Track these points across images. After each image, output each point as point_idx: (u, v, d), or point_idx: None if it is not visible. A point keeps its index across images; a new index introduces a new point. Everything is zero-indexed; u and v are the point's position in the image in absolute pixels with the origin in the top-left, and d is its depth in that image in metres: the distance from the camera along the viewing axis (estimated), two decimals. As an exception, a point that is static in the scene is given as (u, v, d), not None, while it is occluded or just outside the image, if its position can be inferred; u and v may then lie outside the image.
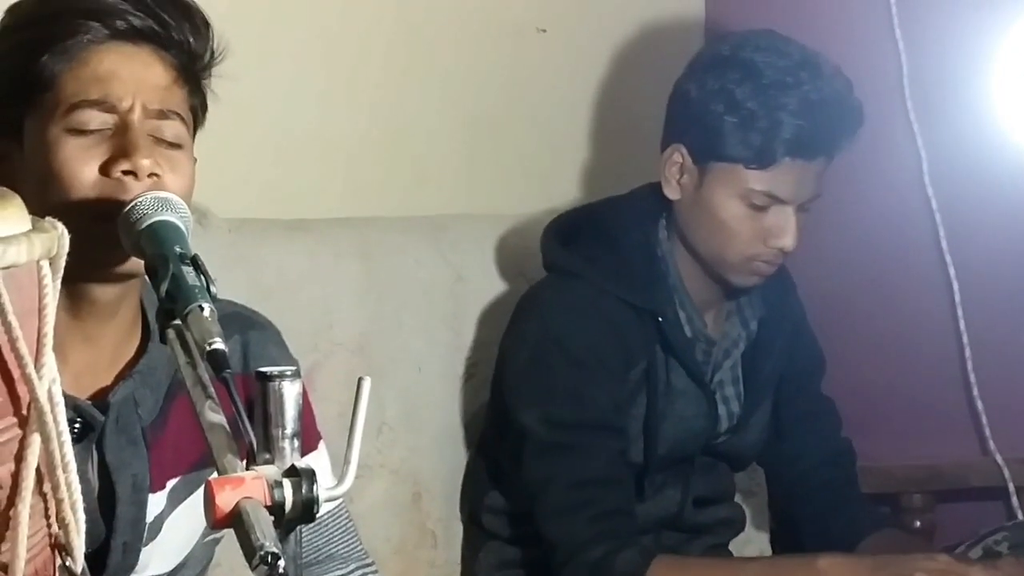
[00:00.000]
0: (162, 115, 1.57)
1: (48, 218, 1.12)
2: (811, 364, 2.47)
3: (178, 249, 1.41)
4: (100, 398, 1.59)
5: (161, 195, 1.48)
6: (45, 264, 1.09)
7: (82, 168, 1.52)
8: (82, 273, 1.13)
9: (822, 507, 2.42)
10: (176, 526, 1.66)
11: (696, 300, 2.30)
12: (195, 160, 1.61)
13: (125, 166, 1.52)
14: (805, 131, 2.18)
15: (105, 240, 1.48)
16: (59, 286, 1.10)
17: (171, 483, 1.64)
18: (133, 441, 1.60)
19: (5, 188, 1.10)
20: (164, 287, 1.37)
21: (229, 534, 1.14)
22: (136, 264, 1.51)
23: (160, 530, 1.64)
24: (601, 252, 2.26)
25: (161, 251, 1.41)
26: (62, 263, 1.11)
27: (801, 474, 2.45)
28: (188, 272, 1.37)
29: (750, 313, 2.36)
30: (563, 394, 2.21)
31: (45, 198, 1.50)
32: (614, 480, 2.21)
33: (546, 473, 2.21)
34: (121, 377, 1.60)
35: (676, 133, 2.26)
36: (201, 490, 1.60)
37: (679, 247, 2.29)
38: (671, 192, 2.26)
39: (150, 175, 1.52)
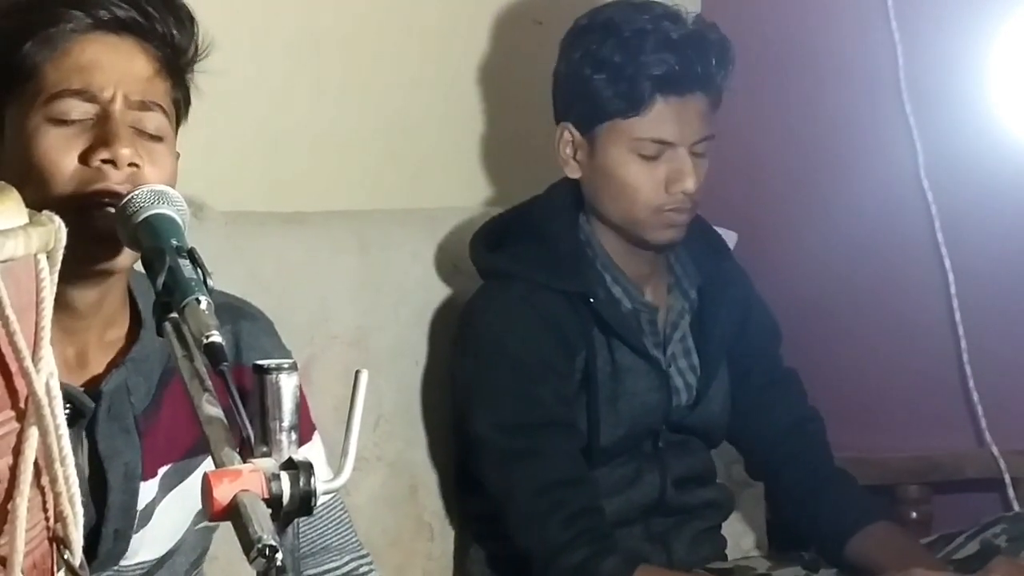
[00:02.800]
0: (144, 107, 1.56)
1: (45, 211, 1.12)
2: (765, 333, 2.46)
3: (175, 242, 1.41)
4: (93, 386, 1.59)
5: (157, 188, 1.48)
6: (42, 258, 1.09)
7: (62, 158, 1.52)
8: (63, 267, 1.13)
9: (802, 484, 2.39)
10: (167, 513, 1.66)
11: (630, 275, 2.31)
12: (178, 155, 1.60)
13: (104, 155, 1.52)
14: (668, 66, 2.21)
15: (84, 231, 1.47)
16: (56, 280, 1.10)
17: (163, 470, 1.64)
18: (125, 429, 1.60)
19: (2, 182, 1.10)
20: (161, 280, 1.37)
21: (225, 526, 1.14)
22: (115, 262, 1.52)
23: (151, 517, 1.64)
24: (526, 248, 2.28)
25: (158, 244, 1.41)
26: (59, 257, 1.11)
27: (769, 445, 2.43)
28: (185, 265, 1.37)
29: (688, 283, 2.37)
30: (511, 398, 2.22)
31: (25, 188, 1.49)
32: (576, 479, 2.21)
33: (508, 481, 2.21)
34: (113, 365, 1.60)
35: (560, 114, 2.31)
36: (192, 477, 1.63)
37: (600, 227, 2.31)
38: (571, 172, 2.30)
39: (129, 164, 1.52)
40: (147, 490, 1.63)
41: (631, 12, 2.25)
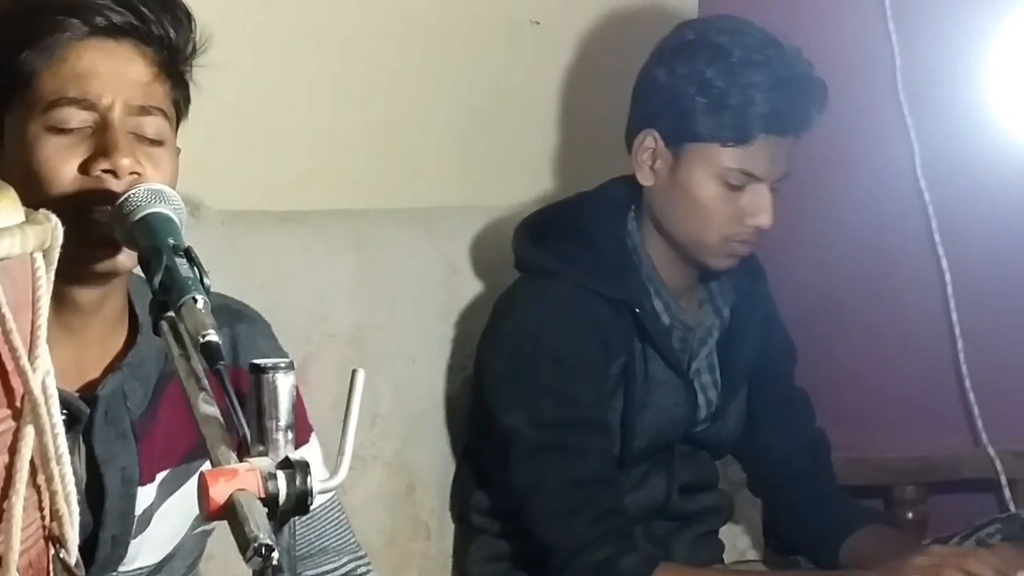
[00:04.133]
0: (143, 111, 1.56)
1: (42, 210, 1.12)
2: (783, 354, 2.47)
3: (171, 241, 1.40)
4: (89, 391, 1.59)
5: (155, 187, 1.47)
6: (39, 256, 1.09)
7: (62, 167, 1.52)
8: (64, 272, 1.13)
9: (802, 501, 2.42)
10: (166, 518, 1.66)
11: (671, 287, 2.30)
12: (178, 151, 1.60)
13: (105, 165, 1.52)
14: (778, 106, 2.20)
15: (85, 238, 1.47)
16: (52, 278, 1.10)
17: (161, 475, 1.64)
18: (122, 434, 1.60)
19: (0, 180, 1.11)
20: (158, 279, 1.36)
21: (222, 526, 1.14)
22: (117, 264, 1.52)
23: (149, 522, 1.64)
24: (573, 248, 2.27)
25: (154, 243, 1.41)
26: (56, 255, 1.11)
27: (775, 464, 2.45)
28: (182, 264, 1.37)
29: (722, 301, 2.37)
30: (547, 394, 2.21)
31: (25, 195, 1.49)
32: (606, 478, 2.21)
33: (537, 475, 2.21)
34: (110, 370, 1.60)
35: (646, 119, 2.28)
36: (191, 482, 1.62)
37: (651, 236, 2.30)
38: (644, 178, 2.27)
39: (131, 173, 1.52)
40: (145, 495, 1.63)
41: (740, 37, 2.22)
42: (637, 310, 2.25)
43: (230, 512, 1.11)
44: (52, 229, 1.10)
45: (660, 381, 2.29)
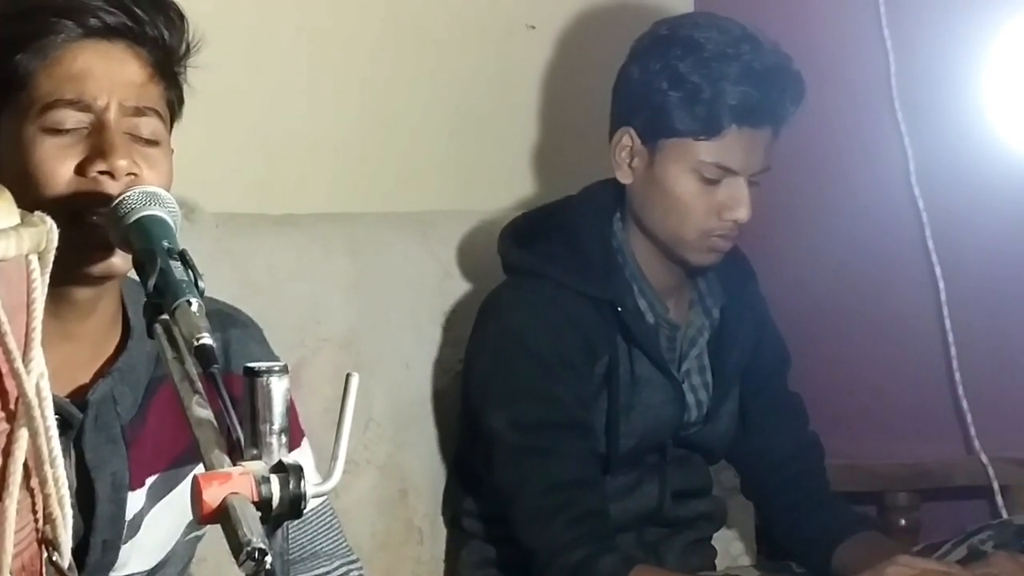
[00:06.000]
0: (138, 112, 1.56)
1: (37, 212, 1.12)
2: (775, 358, 2.47)
3: (166, 244, 1.40)
4: (79, 396, 1.59)
5: (149, 190, 1.48)
6: (34, 259, 1.09)
7: (58, 168, 1.52)
8: (60, 274, 1.13)
9: (796, 507, 2.42)
10: (156, 523, 1.66)
11: (656, 287, 2.31)
12: (172, 151, 1.60)
13: (102, 167, 1.52)
14: (749, 98, 2.20)
15: (82, 240, 1.47)
16: (47, 281, 1.10)
17: (150, 480, 1.64)
18: (112, 439, 1.60)
19: (-6, 183, 1.10)
20: (152, 282, 1.36)
21: (213, 530, 1.13)
22: (113, 266, 1.52)
23: (139, 527, 1.64)
24: (557, 249, 2.27)
25: (149, 245, 1.41)
26: (51, 258, 1.11)
27: (769, 469, 2.45)
28: (176, 267, 1.37)
29: (711, 301, 2.37)
30: (529, 395, 2.21)
31: (21, 197, 1.49)
32: (587, 481, 2.21)
33: (519, 477, 2.21)
34: (100, 375, 1.60)
35: (623, 117, 2.29)
36: (180, 487, 1.62)
37: (636, 236, 2.30)
38: (623, 176, 2.28)
39: (127, 175, 1.52)
40: (135, 500, 1.63)
41: (714, 32, 2.23)
42: (619, 308, 2.25)
43: (223, 516, 1.11)
44: (47, 231, 1.10)
45: (646, 380, 2.29)
